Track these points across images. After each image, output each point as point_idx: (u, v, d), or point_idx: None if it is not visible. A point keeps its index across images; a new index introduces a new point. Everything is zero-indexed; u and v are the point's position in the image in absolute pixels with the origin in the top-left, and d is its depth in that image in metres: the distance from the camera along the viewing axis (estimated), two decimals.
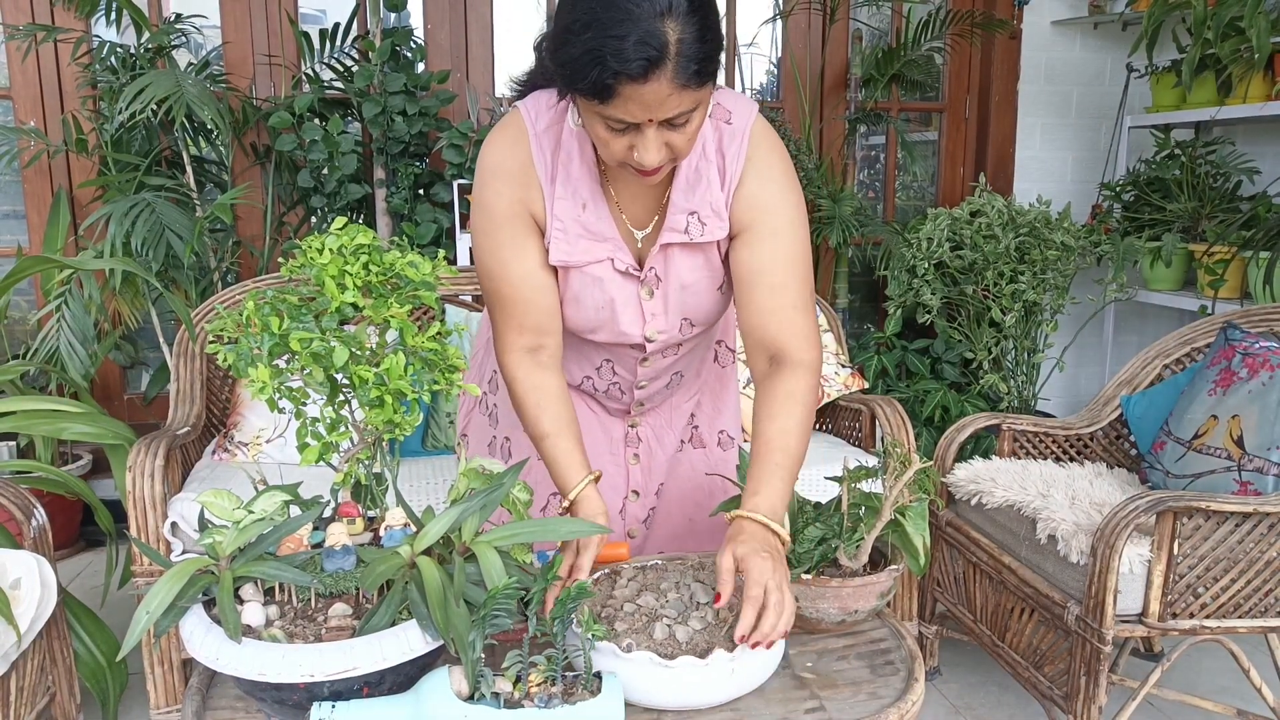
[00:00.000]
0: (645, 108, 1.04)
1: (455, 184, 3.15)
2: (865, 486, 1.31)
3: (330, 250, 1.03)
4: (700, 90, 1.06)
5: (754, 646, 1.04)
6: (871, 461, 2.35)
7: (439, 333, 1.07)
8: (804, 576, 1.21)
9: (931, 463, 1.30)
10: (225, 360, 1.02)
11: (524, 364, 1.28)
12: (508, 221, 1.25)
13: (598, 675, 1.00)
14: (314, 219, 3.23)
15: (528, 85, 1.30)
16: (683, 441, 1.55)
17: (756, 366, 1.29)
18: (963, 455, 2.33)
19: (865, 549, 1.24)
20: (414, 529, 1.08)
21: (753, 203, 1.25)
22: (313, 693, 0.96)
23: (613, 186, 1.27)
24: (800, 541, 1.24)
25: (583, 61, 1.02)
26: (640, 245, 1.30)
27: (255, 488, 1.09)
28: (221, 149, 3.26)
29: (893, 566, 1.25)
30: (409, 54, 3.12)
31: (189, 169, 3.08)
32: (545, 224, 1.25)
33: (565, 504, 1.26)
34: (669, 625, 1.11)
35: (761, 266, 1.25)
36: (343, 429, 1.06)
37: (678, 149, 1.12)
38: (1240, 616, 1.82)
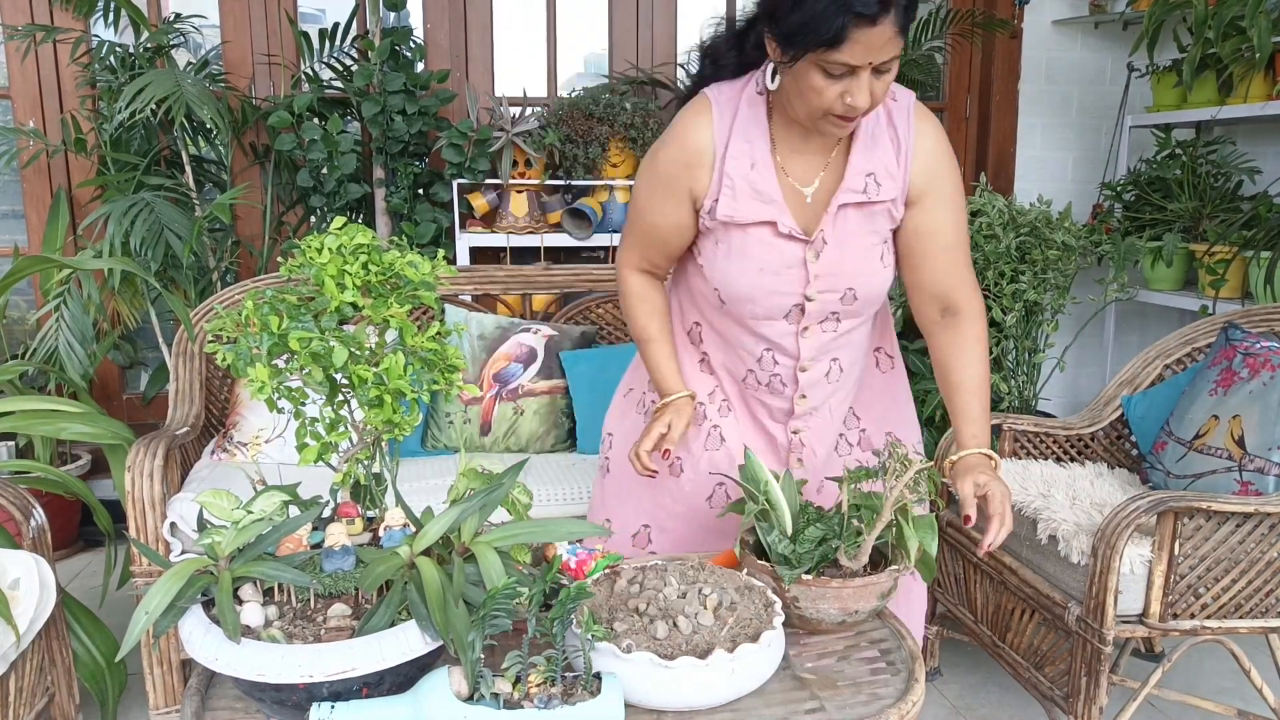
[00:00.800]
0: (869, 50, 1.19)
1: (455, 183, 3.15)
2: (865, 487, 1.31)
3: (329, 250, 1.03)
4: (903, 39, 1.22)
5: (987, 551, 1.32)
6: (872, 462, 2.35)
7: (438, 333, 1.07)
8: (804, 577, 1.22)
9: (932, 463, 1.31)
10: (224, 360, 1.01)
11: (639, 277, 1.54)
12: (667, 182, 1.42)
13: (597, 675, 1.00)
14: (313, 219, 3.22)
15: (697, 83, 1.46)
16: (851, 445, 1.59)
17: (927, 316, 1.47)
18: None
19: (865, 550, 1.23)
20: (413, 529, 1.07)
21: (927, 171, 1.39)
22: (312, 693, 0.96)
23: (779, 154, 1.38)
24: (800, 542, 1.25)
25: (828, 11, 1.17)
26: (809, 204, 1.38)
27: (254, 488, 1.09)
28: (221, 149, 3.26)
29: (893, 567, 1.24)
30: (408, 53, 3.12)
31: (188, 169, 3.07)
32: (705, 195, 1.39)
33: (660, 403, 1.51)
34: (669, 625, 1.10)
35: (936, 228, 1.41)
36: (342, 429, 1.06)
37: (877, 97, 1.25)
38: (1241, 617, 1.81)
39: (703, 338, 1.55)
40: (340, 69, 3.22)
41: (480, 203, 3.19)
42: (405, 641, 0.96)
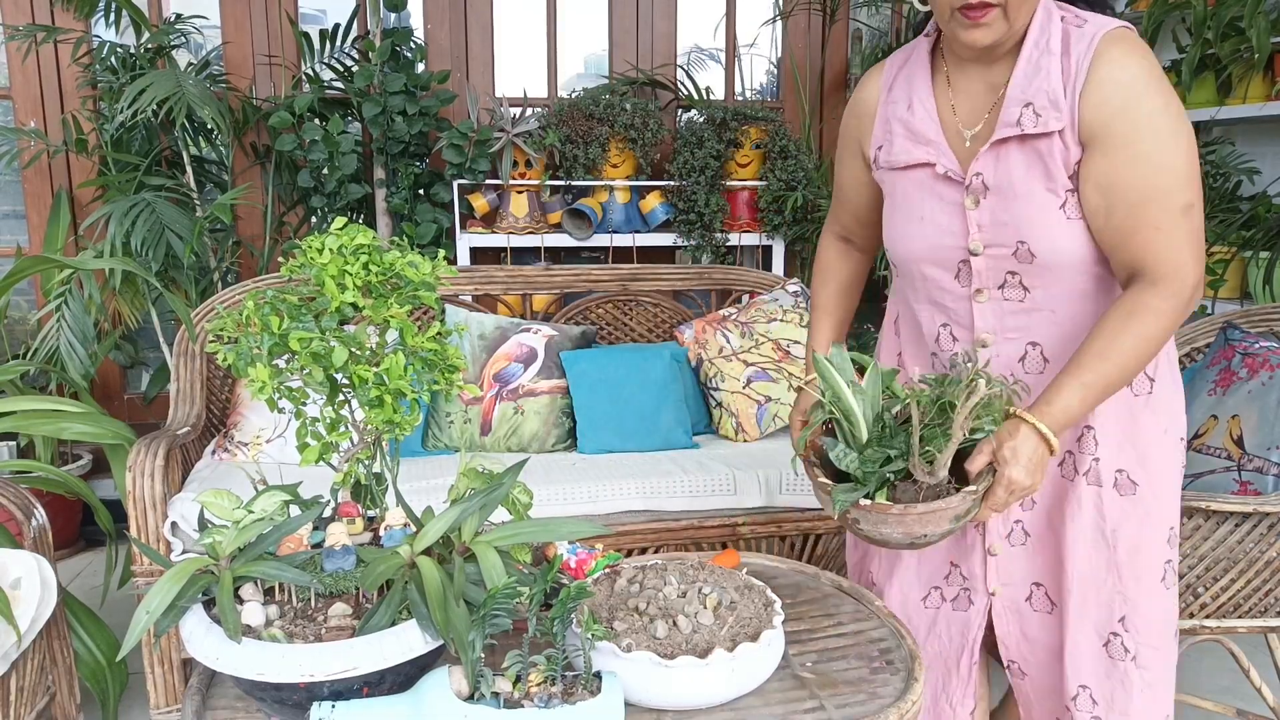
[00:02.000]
0: None
1: (455, 184, 3.15)
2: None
3: (330, 250, 1.03)
4: None
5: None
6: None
7: (439, 333, 1.07)
8: (863, 501, 1.13)
9: (1015, 383, 1.15)
10: (225, 360, 1.02)
11: (833, 245, 1.53)
12: (844, 138, 1.41)
13: (598, 675, 1.00)
14: (314, 219, 3.23)
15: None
16: (1077, 473, 1.28)
17: (1120, 280, 1.20)
18: None
19: (940, 468, 1.13)
20: (414, 529, 1.08)
21: (1107, 107, 1.14)
22: (312, 693, 0.96)
23: (949, 95, 1.26)
24: (864, 460, 1.14)
25: None
26: (969, 145, 1.23)
27: (255, 488, 1.09)
28: (221, 149, 3.27)
29: (969, 489, 1.12)
30: (409, 54, 3.12)
31: (189, 169, 3.08)
32: (871, 143, 1.34)
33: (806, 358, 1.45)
34: (669, 624, 1.11)
35: (1115, 180, 1.14)
36: (342, 429, 1.07)
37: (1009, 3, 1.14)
38: (1240, 616, 1.82)
39: (899, 330, 1.47)
40: (341, 70, 3.22)
41: (480, 203, 3.19)
42: (406, 641, 0.96)
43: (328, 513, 1.12)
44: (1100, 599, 1.28)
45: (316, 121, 3.10)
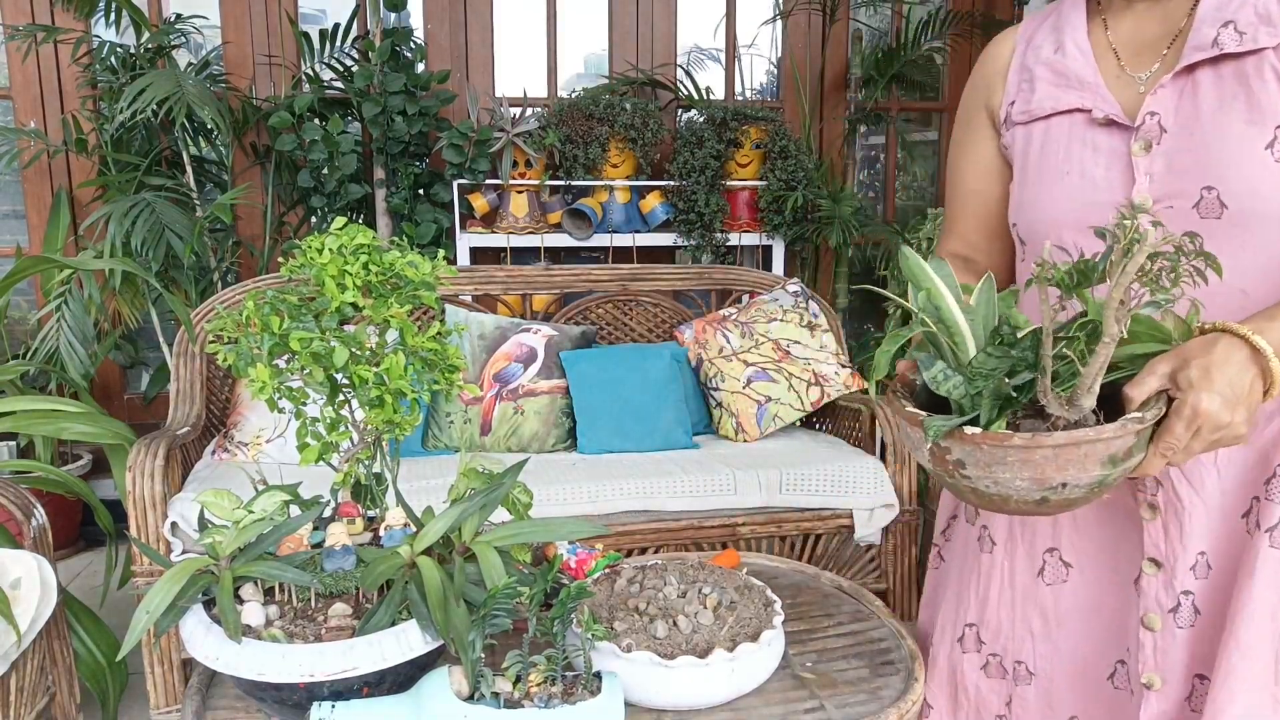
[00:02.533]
0: None
1: (455, 184, 3.15)
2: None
3: (330, 250, 1.03)
4: None
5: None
6: (870, 463, 2.35)
7: (439, 333, 1.07)
8: (967, 430, 0.81)
9: (1198, 238, 0.79)
10: (225, 360, 1.02)
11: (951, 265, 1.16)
12: (967, 115, 1.17)
13: (598, 675, 1.00)
14: (314, 219, 3.23)
15: None
16: (1260, 528, 0.94)
17: None
18: None
19: (1085, 389, 0.81)
20: (414, 529, 1.08)
21: None
22: (312, 693, 0.96)
23: (1110, 33, 1.06)
24: (973, 377, 0.84)
25: None
26: (1141, 89, 1.01)
27: (255, 488, 1.09)
28: (221, 149, 3.27)
29: (1133, 415, 0.80)
30: (409, 54, 3.12)
31: (189, 169, 3.08)
32: (1002, 103, 1.11)
33: None
34: (669, 624, 1.11)
35: None
36: (343, 429, 1.06)
37: None
38: None
39: None
40: (341, 69, 3.22)
41: (480, 203, 3.19)
42: (406, 641, 0.96)
43: (328, 513, 1.12)
44: (1253, 706, 0.93)
45: (316, 121, 3.10)
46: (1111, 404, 0.84)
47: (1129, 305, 0.77)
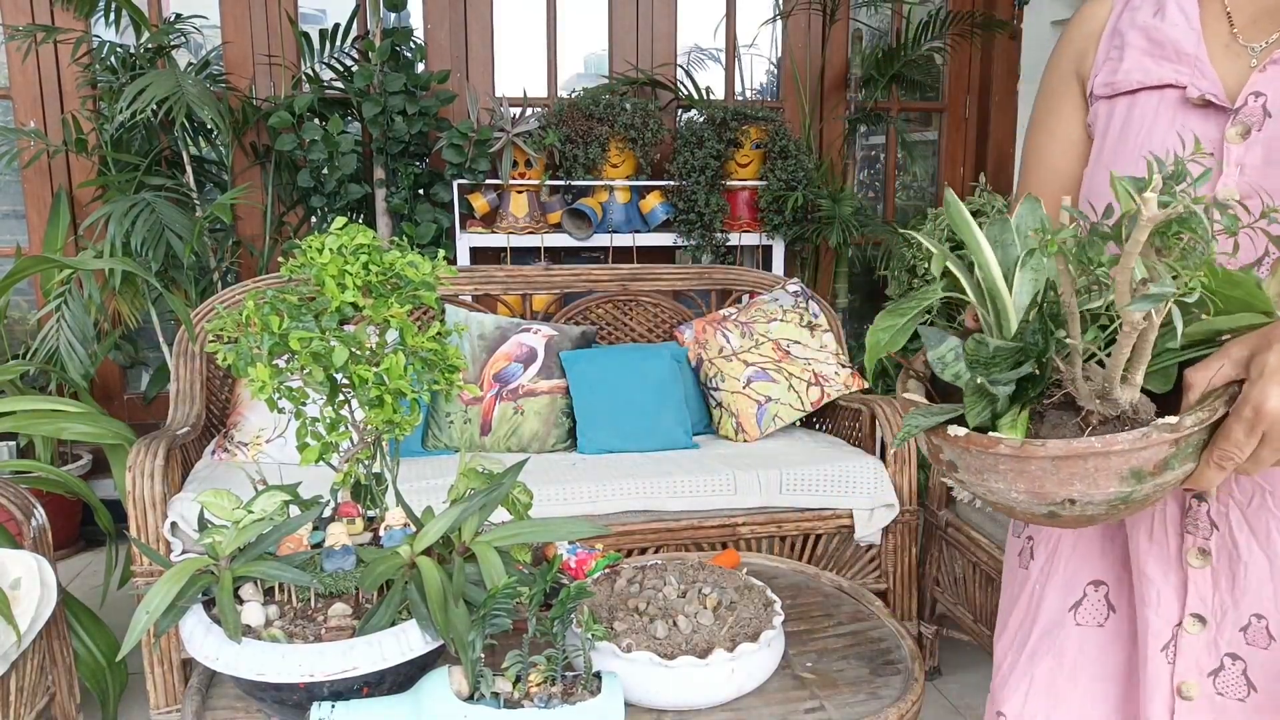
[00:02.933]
0: None
1: (455, 184, 3.15)
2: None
3: (330, 250, 1.03)
4: None
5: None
6: (871, 463, 2.35)
7: (439, 333, 1.07)
8: (949, 431, 0.69)
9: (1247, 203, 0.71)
10: (225, 360, 1.02)
11: None
12: (1054, 83, 1.00)
13: (598, 675, 1.00)
14: (314, 219, 3.23)
15: None
16: None
17: None
18: None
19: (1117, 381, 0.65)
20: (414, 529, 1.08)
21: None
22: (312, 693, 0.96)
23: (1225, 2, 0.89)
24: (977, 360, 0.69)
25: None
26: (1253, 63, 0.86)
27: (255, 488, 1.09)
28: (221, 149, 3.27)
29: (1164, 421, 0.64)
30: (409, 54, 3.12)
31: (189, 169, 3.08)
32: (1092, 71, 0.95)
33: None
34: (669, 624, 1.11)
35: None
36: (342, 429, 1.06)
37: None
38: None
39: None
40: (341, 69, 3.22)
41: (480, 203, 3.19)
42: (406, 641, 0.96)
43: (327, 513, 1.12)
44: None
45: (316, 121, 3.10)
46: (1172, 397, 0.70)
47: (1137, 290, 0.60)
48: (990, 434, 0.67)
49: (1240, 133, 0.83)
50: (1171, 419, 0.64)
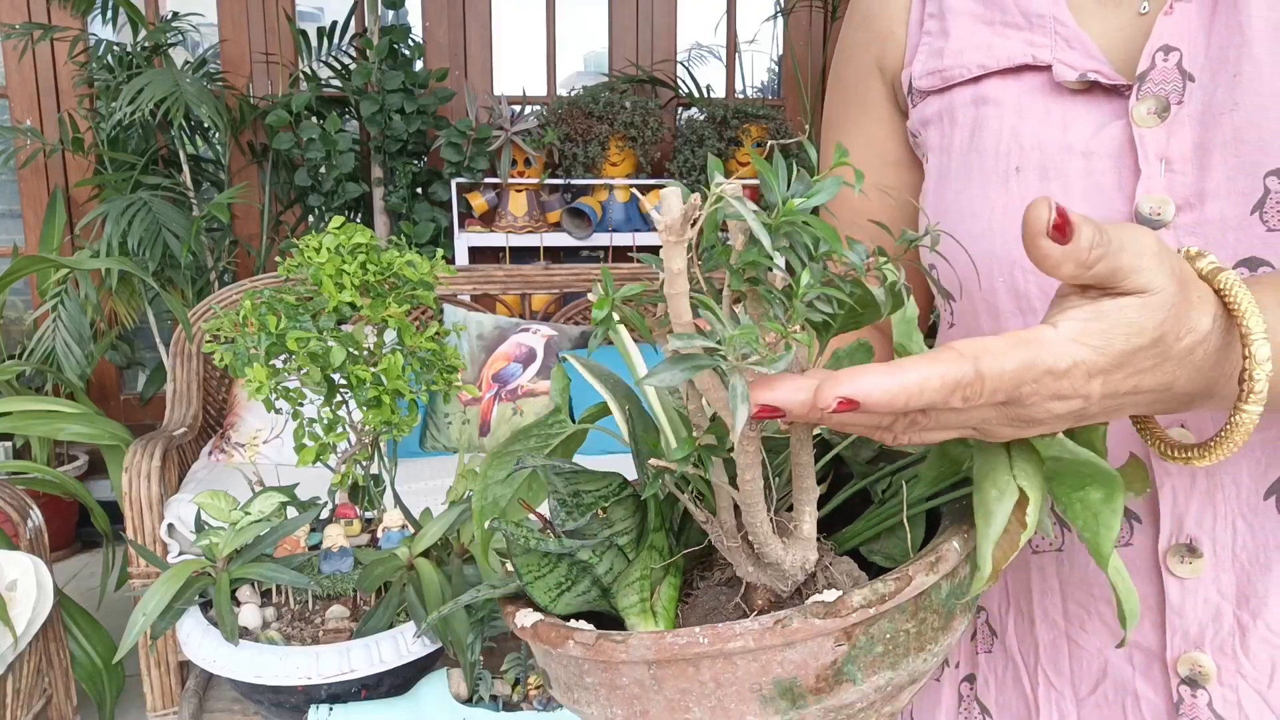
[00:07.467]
0: None
1: (454, 183, 3.14)
2: None
3: (328, 249, 1.02)
4: None
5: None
6: None
7: (437, 333, 1.06)
8: (520, 619, 0.44)
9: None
10: (222, 360, 1.01)
11: None
12: (841, 100, 0.74)
13: None
14: (311, 218, 3.22)
15: None
16: (1238, 634, 0.55)
17: None
18: None
19: (771, 524, 0.41)
20: (412, 531, 1.07)
21: None
22: (310, 695, 0.95)
23: None
24: (576, 506, 0.46)
25: None
26: (1145, 11, 0.57)
27: (252, 489, 1.08)
28: (218, 148, 3.26)
29: (818, 599, 0.38)
30: (407, 52, 3.11)
31: (186, 168, 3.07)
32: (903, 59, 0.66)
33: None
34: None
35: None
36: (340, 430, 1.06)
37: None
38: None
39: None
40: (338, 68, 3.22)
41: (479, 202, 3.18)
42: (404, 643, 0.96)
43: (325, 514, 1.11)
44: None
45: (314, 120, 3.09)
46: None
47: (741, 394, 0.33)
48: (574, 623, 0.42)
49: (1154, 110, 0.55)
50: (830, 594, 0.38)
